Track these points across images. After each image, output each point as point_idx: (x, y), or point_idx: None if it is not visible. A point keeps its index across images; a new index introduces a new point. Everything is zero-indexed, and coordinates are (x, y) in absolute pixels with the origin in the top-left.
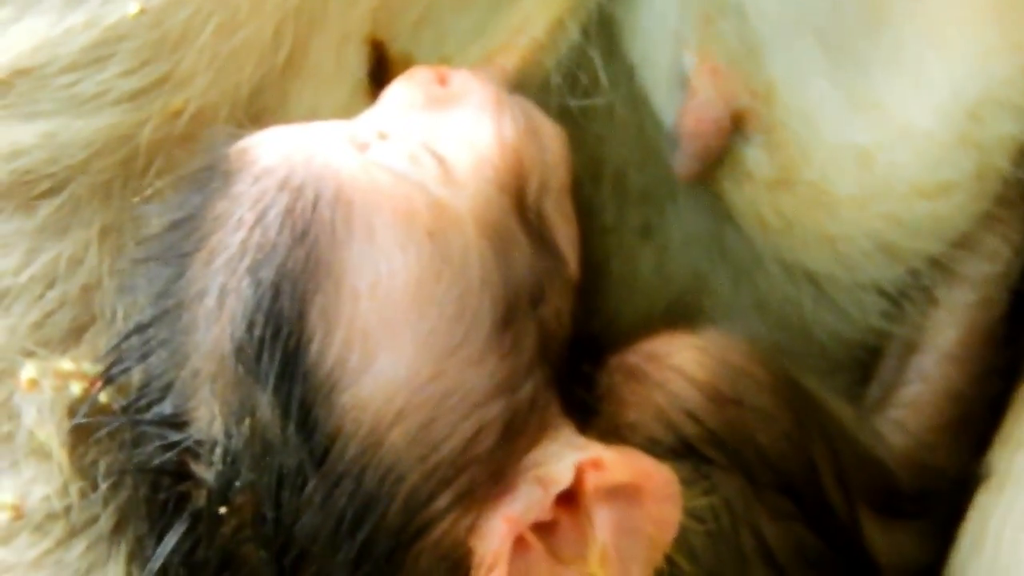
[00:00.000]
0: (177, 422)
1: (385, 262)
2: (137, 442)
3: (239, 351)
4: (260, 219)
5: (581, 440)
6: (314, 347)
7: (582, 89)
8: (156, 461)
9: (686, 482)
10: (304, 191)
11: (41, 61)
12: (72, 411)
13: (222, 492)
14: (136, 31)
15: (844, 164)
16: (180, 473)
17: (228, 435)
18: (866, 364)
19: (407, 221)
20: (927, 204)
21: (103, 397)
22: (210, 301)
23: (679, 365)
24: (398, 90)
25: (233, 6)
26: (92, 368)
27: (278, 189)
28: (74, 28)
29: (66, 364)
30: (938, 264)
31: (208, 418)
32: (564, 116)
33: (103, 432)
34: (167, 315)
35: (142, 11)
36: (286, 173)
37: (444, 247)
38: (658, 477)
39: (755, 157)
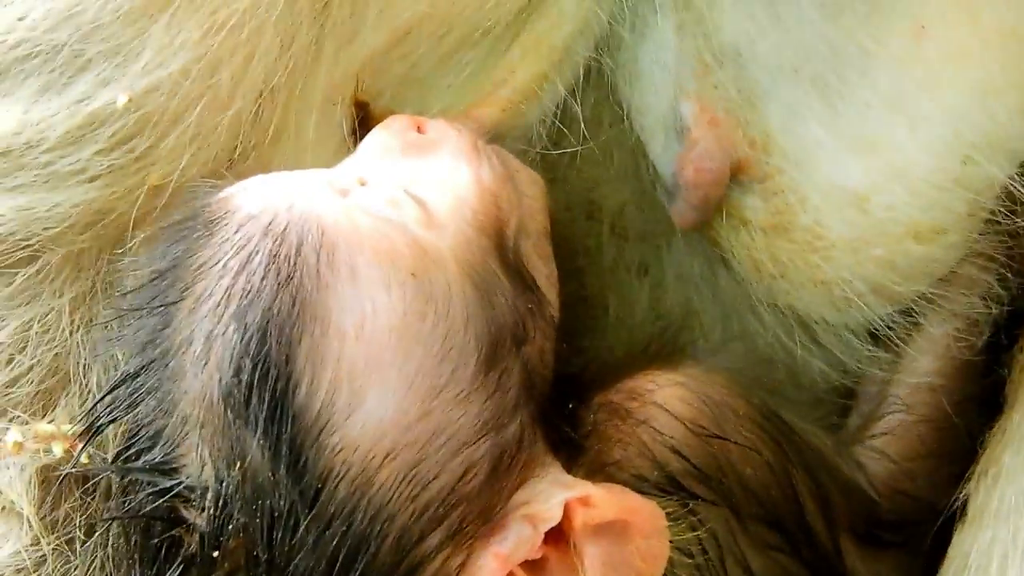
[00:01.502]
0: (167, 469)
1: (369, 303)
2: (128, 490)
3: (228, 396)
4: (245, 265)
5: (568, 478)
6: (302, 389)
7: (566, 141)
8: (148, 508)
9: (672, 517)
10: (287, 236)
11: (21, 142)
12: (51, 470)
13: (215, 536)
14: (117, 115)
15: (839, 208)
16: (172, 519)
17: (219, 479)
18: (847, 396)
19: (390, 262)
20: (920, 247)
21: (84, 458)
22: (197, 348)
23: (662, 401)
24: (376, 138)
25: (216, 88)
26: (72, 429)
27: (262, 235)
28: (57, 111)
29: (46, 426)
30: (922, 297)
31: (198, 463)
32: (558, 160)
33: (90, 483)
34: (154, 364)
35: (131, 101)
36: (269, 219)
37: (427, 287)
38: (645, 513)
39: (751, 204)
